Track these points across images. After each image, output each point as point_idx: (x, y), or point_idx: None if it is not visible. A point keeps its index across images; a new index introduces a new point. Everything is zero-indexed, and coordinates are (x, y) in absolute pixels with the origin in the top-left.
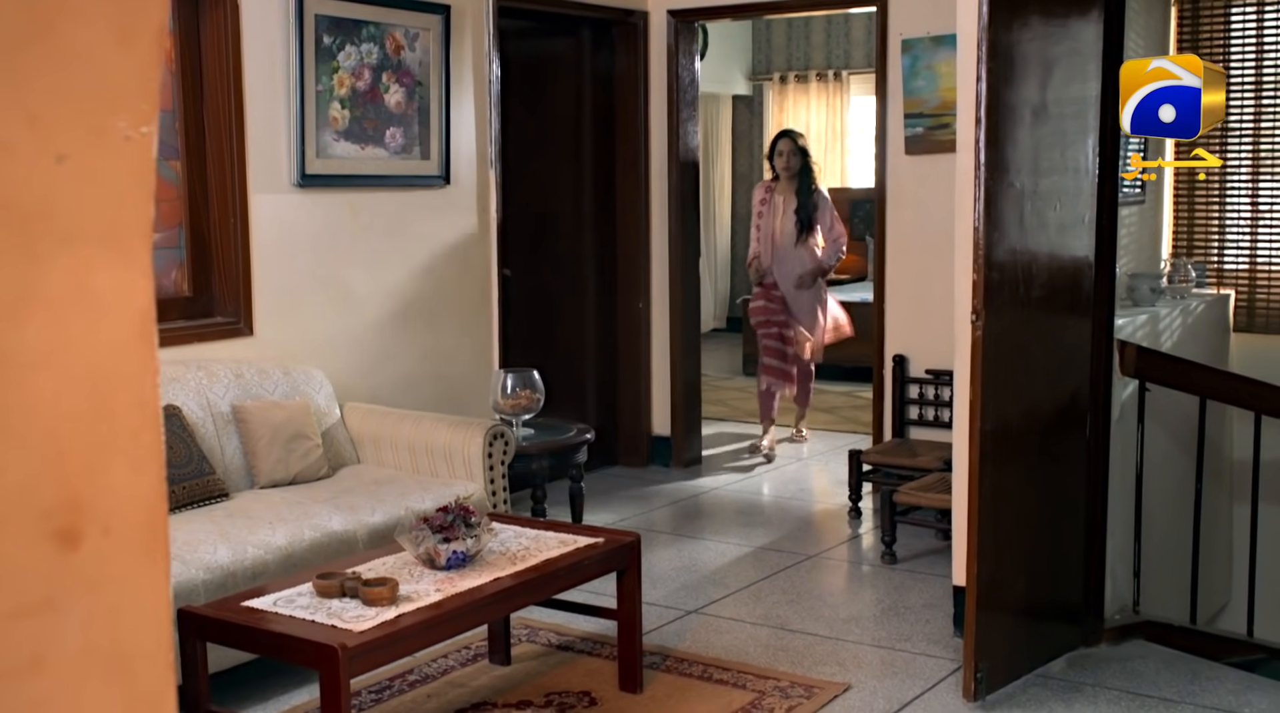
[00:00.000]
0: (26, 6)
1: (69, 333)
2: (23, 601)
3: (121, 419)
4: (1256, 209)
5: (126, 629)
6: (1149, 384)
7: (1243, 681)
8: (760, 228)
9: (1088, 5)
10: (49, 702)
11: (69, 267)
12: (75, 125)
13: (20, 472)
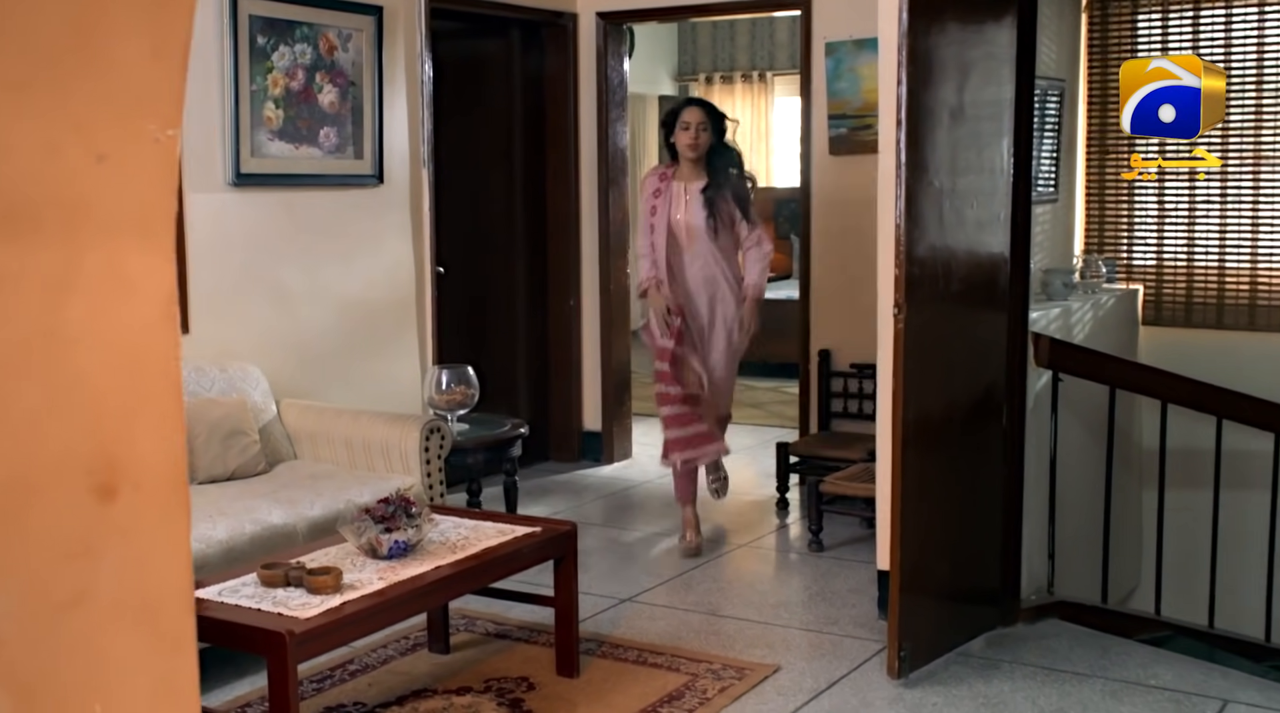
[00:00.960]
0: (74, 26)
1: (106, 312)
2: (69, 545)
3: (150, 389)
4: (1163, 208)
5: (153, 575)
6: (1062, 375)
7: (1150, 655)
8: (655, 229)
9: (1002, 11)
10: (89, 636)
11: (106, 254)
12: (113, 129)
13: (66, 434)
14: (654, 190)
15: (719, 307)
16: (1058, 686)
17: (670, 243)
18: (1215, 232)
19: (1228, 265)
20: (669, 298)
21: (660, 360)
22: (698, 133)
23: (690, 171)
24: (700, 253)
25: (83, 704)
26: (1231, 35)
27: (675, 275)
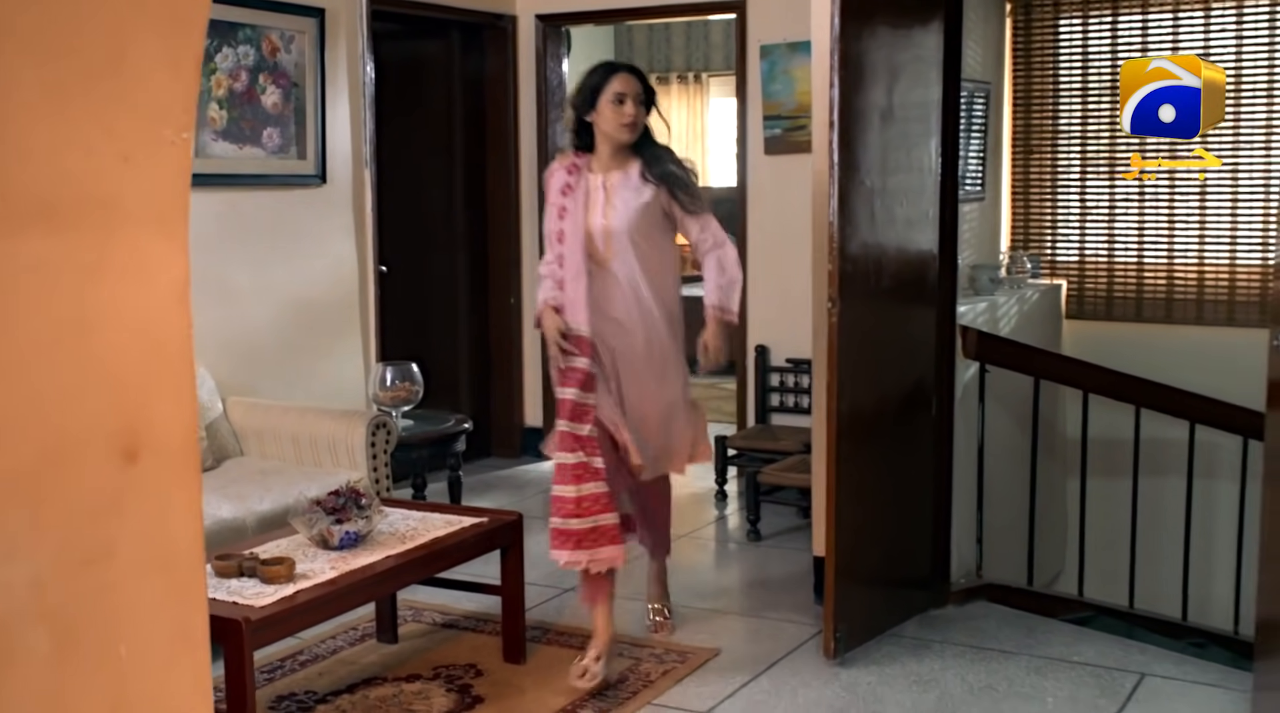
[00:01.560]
0: (108, 46)
1: (130, 297)
2: (99, 504)
3: (167, 365)
4: (1085, 206)
5: (171, 531)
6: (989, 366)
7: (1074, 634)
8: (565, 237)
9: (929, 16)
10: (116, 585)
11: (130, 244)
12: (137, 133)
13: (95, 403)
14: (562, 186)
15: (653, 342)
16: (985, 663)
17: (585, 255)
18: (1134, 229)
19: (1146, 261)
20: (565, 325)
21: (563, 416)
22: (636, 108)
23: (612, 161)
24: (625, 268)
25: (110, 645)
26: (1148, 40)
27: (591, 298)
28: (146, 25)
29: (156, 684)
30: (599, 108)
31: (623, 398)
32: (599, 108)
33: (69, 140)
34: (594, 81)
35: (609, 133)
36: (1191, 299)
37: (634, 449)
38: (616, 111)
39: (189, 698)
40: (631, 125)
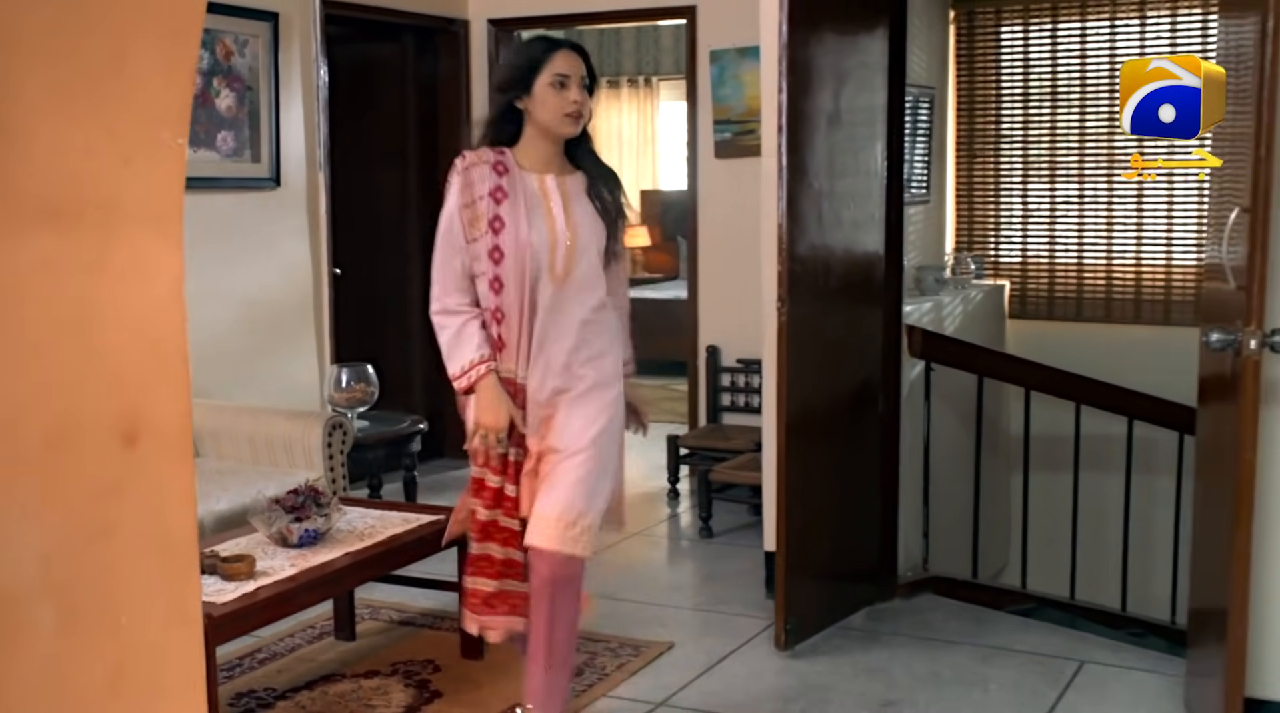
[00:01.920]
0: (111, 53)
1: (130, 292)
2: (100, 485)
3: (164, 356)
4: (1027, 209)
5: (166, 511)
6: (934, 365)
7: (1018, 624)
8: (502, 258)
9: (874, 23)
10: (118, 561)
11: (131, 242)
12: (138, 136)
13: (96, 392)
14: (492, 189)
15: (606, 381)
16: (931, 653)
17: (522, 282)
18: (1074, 231)
19: (1086, 262)
20: (514, 410)
21: (478, 497)
22: (582, 93)
23: (550, 160)
24: (582, 299)
25: (111, 618)
26: (1086, 46)
27: (535, 341)
28: (146, 31)
29: (154, 655)
30: (535, 92)
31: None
32: (535, 92)
33: (72, 142)
34: (529, 59)
35: (548, 124)
36: (1129, 299)
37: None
38: (559, 97)
39: (184, 669)
40: (576, 115)
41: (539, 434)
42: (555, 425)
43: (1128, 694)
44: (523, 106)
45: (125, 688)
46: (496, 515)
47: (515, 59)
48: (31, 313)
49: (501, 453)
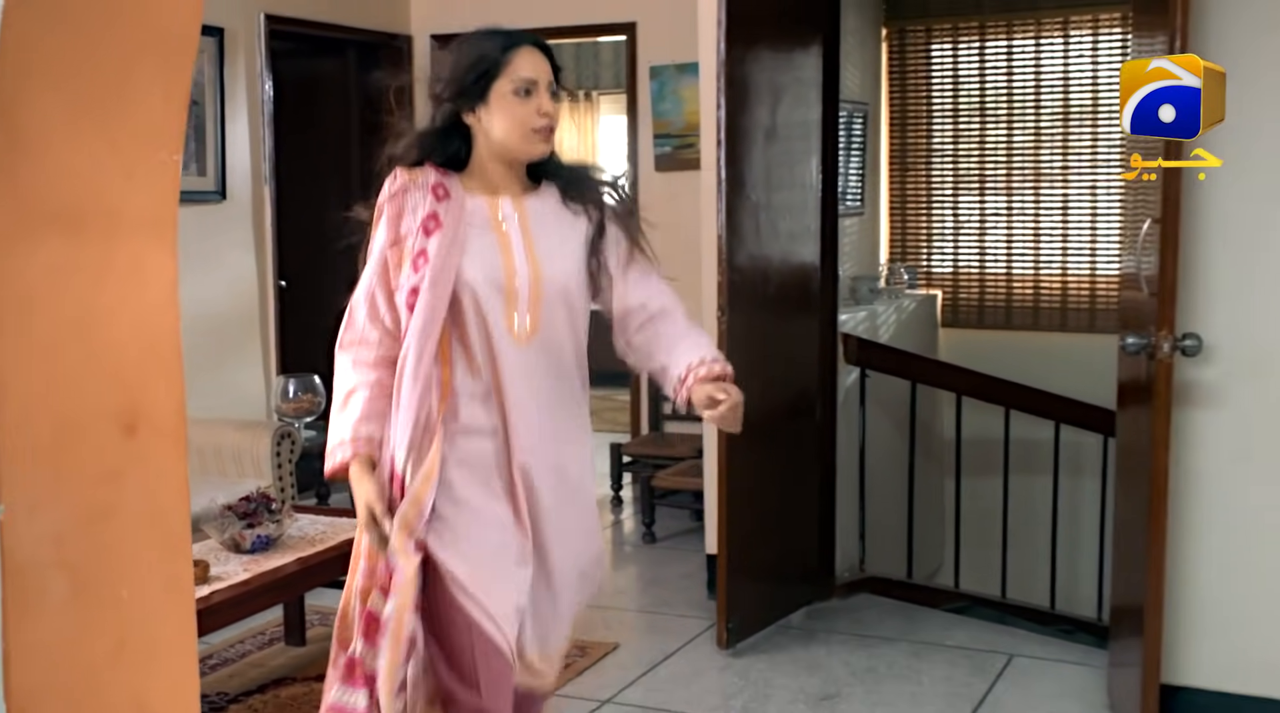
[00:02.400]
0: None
1: (130, 294)
2: (104, 470)
3: (160, 354)
4: (958, 220)
5: (163, 495)
6: (869, 371)
7: (950, 621)
8: (423, 300)
9: (809, 41)
10: (120, 538)
11: (131, 250)
12: (138, 153)
13: (102, 386)
14: (425, 217)
15: (579, 461)
16: (868, 649)
17: (461, 333)
18: (1003, 242)
19: (1015, 272)
20: (372, 494)
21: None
22: (552, 103)
23: (505, 182)
24: (554, 345)
25: (115, 590)
26: (1013, 63)
27: (522, 421)
28: (147, 57)
29: (152, 625)
30: (491, 101)
31: (545, 562)
32: (491, 101)
33: (80, 156)
34: (484, 60)
35: (509, 144)
36: (1056, 307)
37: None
38: (523, 108)
39: (178, 638)
40: (548, 130)
41: (529, 562)
42: (553, 558)
43: (1053, 685)
44: (472, 121)
45: (126, 653)
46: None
47: (463, 59)
48: (42, 314)
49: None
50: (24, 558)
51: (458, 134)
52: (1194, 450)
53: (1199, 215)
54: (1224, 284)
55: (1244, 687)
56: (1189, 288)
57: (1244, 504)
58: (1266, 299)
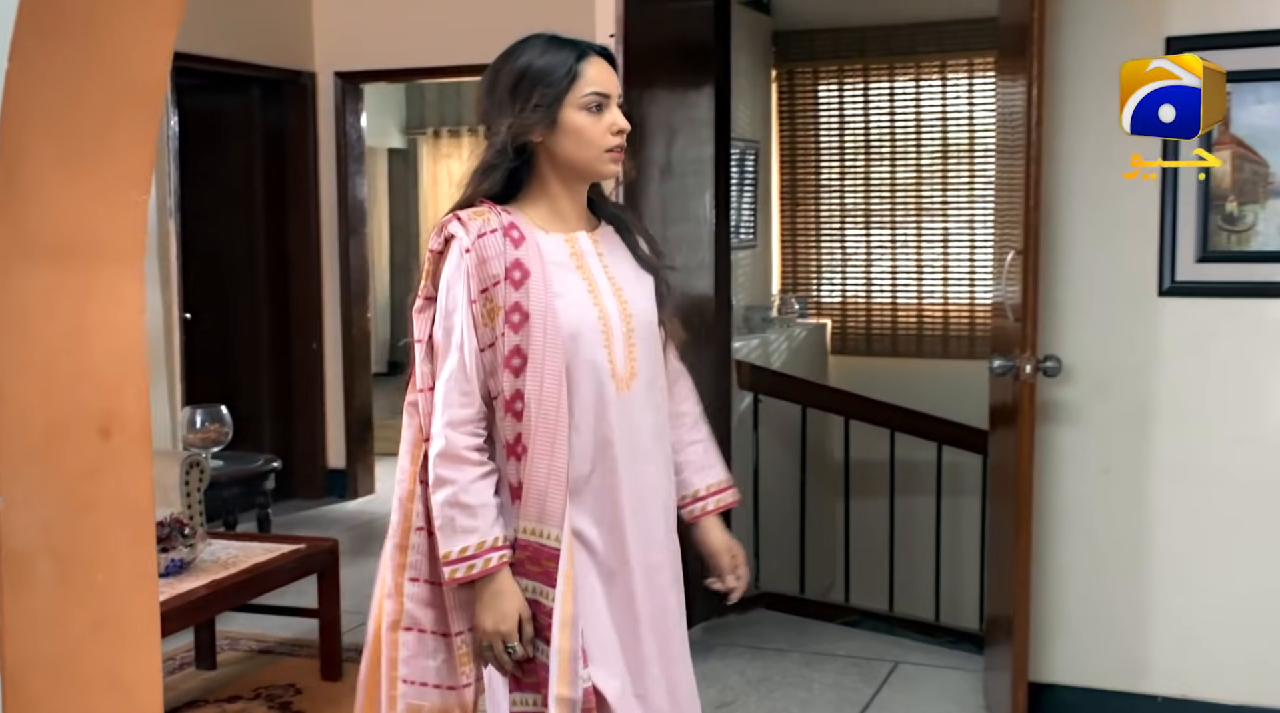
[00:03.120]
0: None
1: (108, 315)
2: (85, 468)
3: (131, 368)
4: (845, 253)
5: (133, 491)
6: (761, 396)
7: (841, 633)
8: (533, 363)
9: (702, 82)
10: (94, 534)
11: (109, 276)
12: (115, 193)
13: (84, 394)
14: (509, 266)
15: (672, 532)
16: (762, 660)
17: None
18: (888, 273)
19: (899, 302)
20: (523, 604)
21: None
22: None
23: (577, 212)
24: (652, 390)
25: (93, 575)
26: (895, 103)
27: (595, 479)
28: (125, 110)
29: (124, 606)
30: (563, 121)
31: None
32: (563, 121)
33: (68, 197)
34: (553, 74)
35: (584, 164)
36: (938, 335)
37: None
38: (597, 125)
39: (145, 619)
40: (620, 149)
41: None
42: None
43: (935, 689)
44: (537, 144)
45: (103, 630)
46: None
47: (529, 74)
48: (37, 331)
49: (521, 658)
50: (18, 544)
51: (514, 161)
52: (1057, 465)
53: (1058, 247)
54: (1081, 310)
55: (1104, 682)
56: (1049, 314)
57: (1104, 514)
58: (1118, 324)
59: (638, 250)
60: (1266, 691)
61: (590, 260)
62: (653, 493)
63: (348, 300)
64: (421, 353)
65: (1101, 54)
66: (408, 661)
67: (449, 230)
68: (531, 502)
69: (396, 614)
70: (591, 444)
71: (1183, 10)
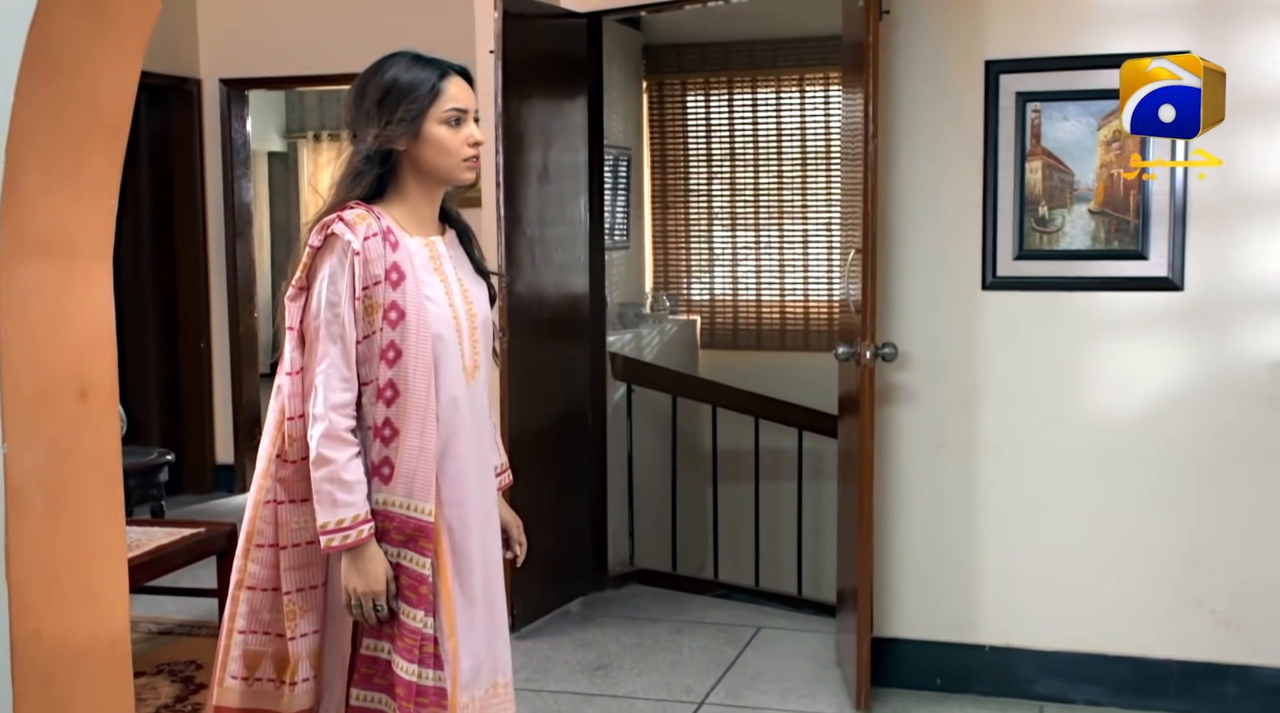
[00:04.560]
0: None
1: (84, 299)
2: (67, 423)
3: (102, 339)
4: (713, 253)
5: (104, 442)
6: (635, 387)
7: (711, 604)
8: (405, 353)
9: (576, 92)
10: (77, 474)
11: (84, 268)
12: (89, 200)
13: (67, 363)
14: (389, 268)
15: (494, 520)
16: (637, 629)
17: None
18: (753, 272)
19: (763, 299)
20: (387, 566)
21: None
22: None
23: (432, 217)
24: (485, 385)
25: (73, 509)
26: (757, 113)
27: (453, 460)
28: (97, 133)
29: (97, 535)
30: (424, 132)
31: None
32: (424, 132)
33: (54, 205)
34: (418, 90)
35: (444, 171)
36: (799, 330)
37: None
38: (456, 137)
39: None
40: (475, 159)
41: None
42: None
43: (794, 649)
44: (402, 153)
45: (81, 558)
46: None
47: (395, 89)
48: (32, 312)
49: (385, 616)
50: (18, 482)
51: (380, 167)
52: (895, 442)
53: (894, 246)
54: (915, 303)
55: (940, 636)
56: (887, 306)
57: (937, 486)
58: (948, 315)
59: (474, 258)
60: (1077, 636)
61: (445, 264)
62: (487, 468)
63: (234, 301)
64: (292, 340)
65: (932, 75)
66: (246, 615)
67: (333, 230)
68: (401, 479)
69: (241, 574)
70: (447, 428)
71: (999, 39)
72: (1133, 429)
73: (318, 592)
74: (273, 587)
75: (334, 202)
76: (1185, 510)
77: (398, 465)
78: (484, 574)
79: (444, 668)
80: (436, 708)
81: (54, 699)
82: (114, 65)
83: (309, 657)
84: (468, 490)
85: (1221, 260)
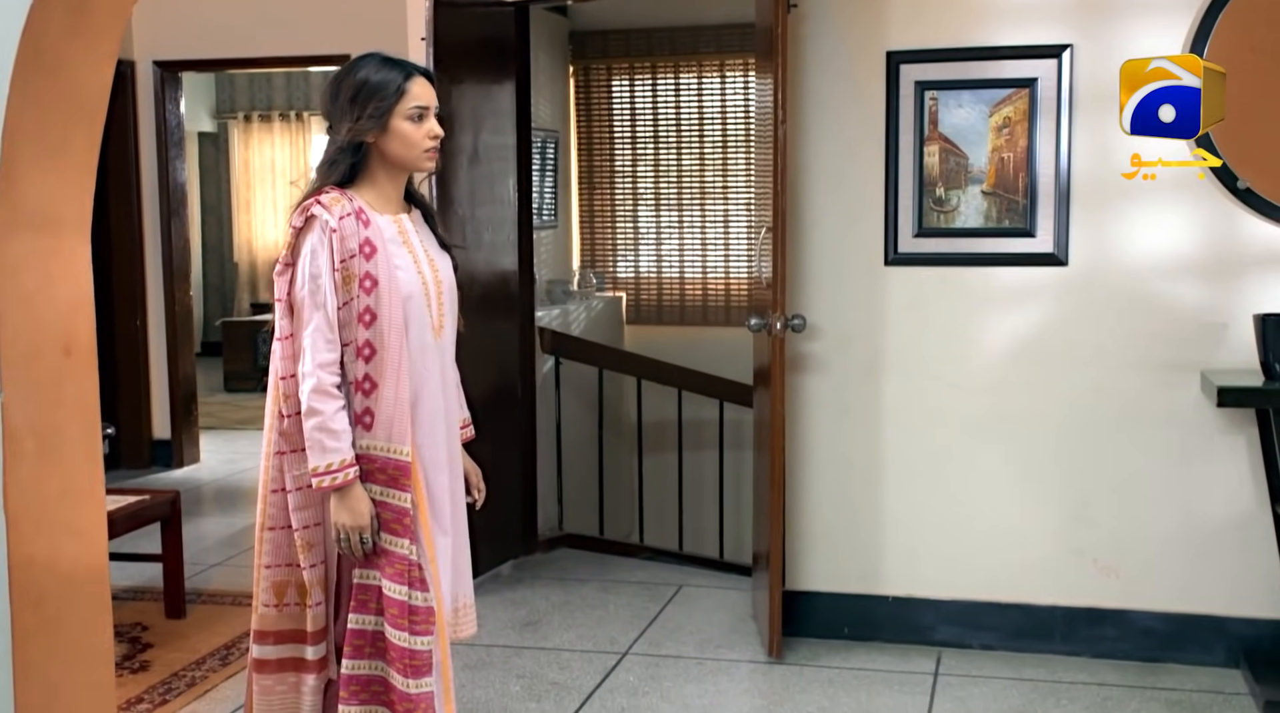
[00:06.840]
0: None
1: (67, 266)
2: (55, 376)
3: (83, 302)
4: (638, 232)
5: (86, 393)
6: (562, 360)
7: (636, 565)
8: (382, 317)
9: (504, 76)
10: (65, 419)
11: (68, 241)
12: (72, 179)
13: (54, 324)
14: (362, 243)
15: (459, 462)
16: (565, 588)
17: (402, 344)
18: (676, 251)
19: (686, 277)
20: (369, 504)
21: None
22: (438, 129)
23: (397, 198)
24: (450, 343)
25: (59, 452)
26: (680, 98)
27: (425, 409)
28: (79, 118)
29: (78, 476)
30: (391, 126)
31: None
32: (391, 126)
33: (43, 184)
34: (387, 89)
35: (408, 161)
36: (721, 306)
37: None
38: (419, 131)
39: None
40: (435, 149)
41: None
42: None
43: (712, 604)
44: (371, 143)
45: (67, 496)
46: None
47: (368, 88)
48: (24, 278)
49: (371, 548)
50: (13, 426)
51: (353, 156)
52: (805, 408)
53: (803, 224)
54: (823, 277)
55: (848, 588)
56: (796, 280)
57: (844, 449)
58: (853, 288)
59: (437, 234)
60: (972, 586)
61: (412, 237)
62: (454, 415)
63: (170, 279)
64: (281, 310)
65: (837, 64)
66: (270, 551)
67: (313, 212)
68: (381, 426)
69: (263, 518)
70: (419, 379)
71: (899, 31)
72: (1022, 394)
73: (320, 529)
74: (286, 525)
75: (313, 186)
76: (1069, 469)
77: (377, 414)
78: (452, 507)
79: (429, 590)
80: (427, 625)
81: (46, 617)
82: (93, 62)
83: (319, 583)
84: (436, 433)
85: (1102, 238)
